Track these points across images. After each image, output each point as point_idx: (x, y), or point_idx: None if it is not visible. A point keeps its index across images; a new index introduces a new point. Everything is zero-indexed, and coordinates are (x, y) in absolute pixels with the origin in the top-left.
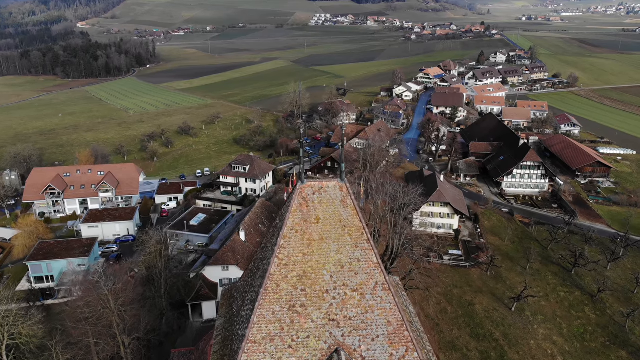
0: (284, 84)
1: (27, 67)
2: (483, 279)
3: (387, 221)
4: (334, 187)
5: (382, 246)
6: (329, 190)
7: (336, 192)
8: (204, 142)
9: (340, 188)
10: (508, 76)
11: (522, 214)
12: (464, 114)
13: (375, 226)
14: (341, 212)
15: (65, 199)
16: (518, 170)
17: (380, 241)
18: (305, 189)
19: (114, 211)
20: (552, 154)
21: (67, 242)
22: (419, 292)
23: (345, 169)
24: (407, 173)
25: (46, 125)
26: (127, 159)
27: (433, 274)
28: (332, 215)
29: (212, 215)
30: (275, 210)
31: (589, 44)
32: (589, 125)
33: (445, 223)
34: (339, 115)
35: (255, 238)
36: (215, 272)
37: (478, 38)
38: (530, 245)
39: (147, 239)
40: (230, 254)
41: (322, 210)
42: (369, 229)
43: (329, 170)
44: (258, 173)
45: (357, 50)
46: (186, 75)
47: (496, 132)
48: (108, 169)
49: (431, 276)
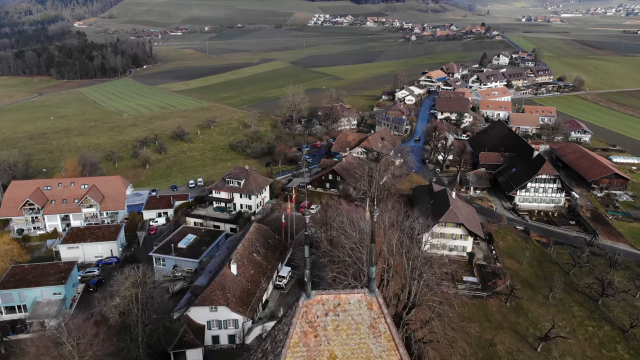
0: (282, 85)
1: (21, 67)
2: (503, 311)
3: (401, 254)
4: (359, 304)
5: (395, 282)
6: (351, 309)
7: (362, 312)
8: (198, 148)
9: (368, 305)
10: (512, 79)
11: (539, 232)
12: (469, 120)
13: (388, 261)
14: (370, 346)
15: (45, 215)
16: (532, 183)
17: (395, 276)
18: (313, 308)
19: (97, 230)
20: (564, 164)
21: (42, 267)
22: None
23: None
24: (415, 187)
25: (36, 129)
26: (117, 165)
27: (457, 324)
28: (356, 351)
29: (203, 235)
30: (271, 236)
31: (591, 45)
32: (598, 131)
33: (458, 245)
34: (340, 120)
35: (249, 270)
36: (202, 313)
37: (479, 39)
38: (550, 268)
39: (121, 280)
40: (220, 292)
41: (340, 343)
42: (379, 265)
43: (330, 184)
44: (254, 188)
45: (356, 51)
46: (183, 76)
47: (507, 141)
48: (92, 182)
49: (455, 327)
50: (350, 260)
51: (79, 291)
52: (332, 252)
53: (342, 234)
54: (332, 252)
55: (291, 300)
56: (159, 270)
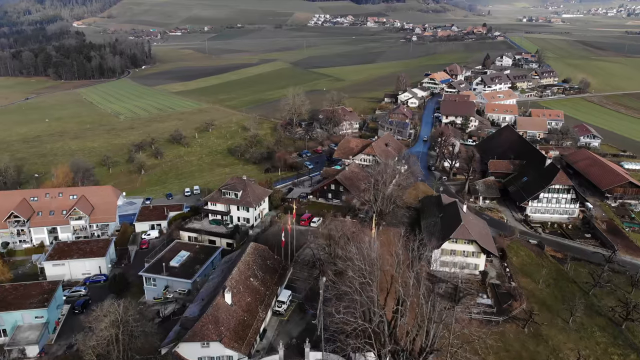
0: (282, 87)
1: (18, 68)
2: (521, 339)
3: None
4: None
5: (410, 318)
6: None
7: None
8: (196, 152)
9: None
10: (517, 81)
11: (553, 245)
12: (475, 124)
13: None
14: None
15: (31, 227)
16: (545, 194)
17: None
18: None
19: (84, 245)
20: (575, 171)
21: (24, 288)
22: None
23: None
24: (423, 198)
25: (31, 132)
26: (112, 171)
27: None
28: None
29: (197, 252)
30: (270, 256)
31: (594, 46)
32: (607, 136)
33: (470, 262)
34: (341, 124)
35: (245, 298)
36: (192, 349)
37: (480, 40)
38: (568, 288)
39: (99, 318)
40: (212, 325)
41: None
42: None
43: (332, 194)
44: (252, 200)
45: (357, 52)
46: (182, 77)
47: (516, 147)
48: (81, 192)
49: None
50: (360, 299)
51: (63, 312)
52: (338, 286)
53: (349, 265)
54: (338, 285)
55: (292, 329)
56: (149, 290)
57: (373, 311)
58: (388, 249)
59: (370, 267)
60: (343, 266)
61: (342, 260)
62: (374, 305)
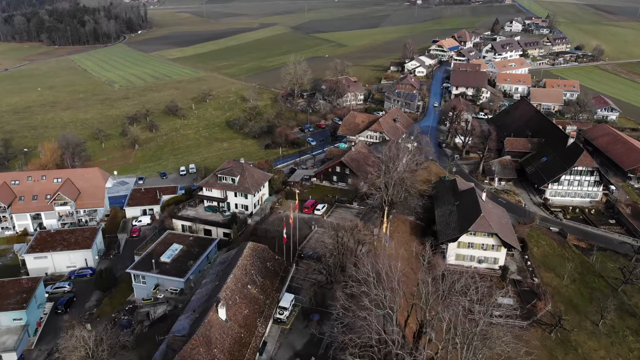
0: (283, 53)
1: (10, 33)
2: (548, 346)
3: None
4: None
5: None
6: None
7: None
8: (192, 125)
9: None
10: (528, 48)
11: (575, 233)
12: (487, 96)
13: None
14: None
15: (13, 214)
16: (567, 176)
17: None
18: None
19: (69, 235)
20: (595, 148)
21: (1, 286)
22: None
23: None
24: (436, 182)
25: (22, 102)
26: (105, 145)
27: None
28: None
29: (191, 245)
30: (270, 257)
31: (605, 10)
32: (624, 108)
33: (489, 256)
34: (345, 95)
35: (242, 310)
36: None
37: (488, 3)
38: (595, 283)
39: (68, 348)
40: (204, 348)
41: None
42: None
43: (337, 177)
44: (250, 186)
45: (360, 16)
46: (179, 42)
47: (533, 123)
48: (66, 175)
49: None
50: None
51: (45, 312)
52: (349, 318)
53: (364, 292)
54: (349, 316)
55: (295, 340)
56: (138, 289)
57: (398, 355)
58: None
59: (391, 293)
60: (357, 291)
61: (356, 282)
62: (397, 346)
